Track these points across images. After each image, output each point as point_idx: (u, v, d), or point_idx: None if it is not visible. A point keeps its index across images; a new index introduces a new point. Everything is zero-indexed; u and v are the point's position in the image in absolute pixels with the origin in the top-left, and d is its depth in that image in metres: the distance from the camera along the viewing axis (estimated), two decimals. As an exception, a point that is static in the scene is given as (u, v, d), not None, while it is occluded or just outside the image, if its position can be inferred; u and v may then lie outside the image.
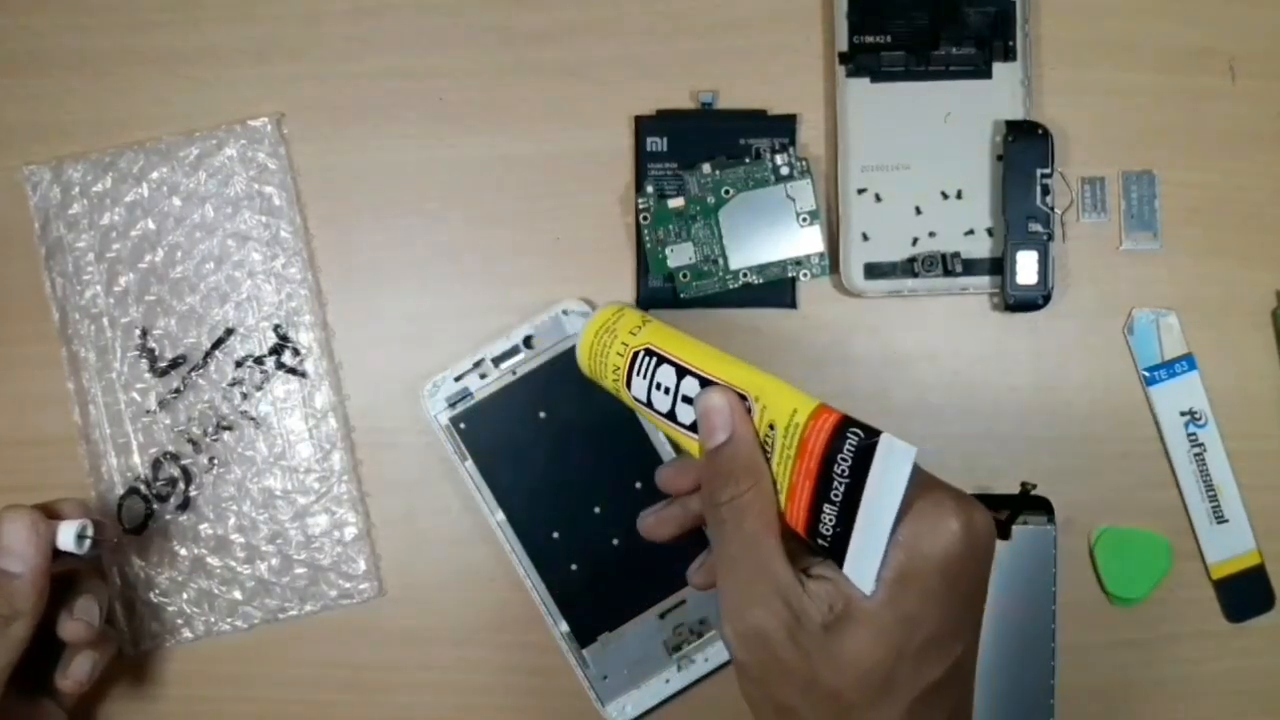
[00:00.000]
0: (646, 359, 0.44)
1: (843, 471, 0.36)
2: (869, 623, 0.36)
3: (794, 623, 0.37)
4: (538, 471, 0.54)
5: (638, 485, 0.54)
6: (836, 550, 0.37)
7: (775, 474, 0.39)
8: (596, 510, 0.54)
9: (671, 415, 0.43)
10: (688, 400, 0.42)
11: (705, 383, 0.42)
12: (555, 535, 0.54)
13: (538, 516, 0.54)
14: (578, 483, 0.54)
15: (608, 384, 0.46)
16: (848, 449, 0.36)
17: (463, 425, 0.54)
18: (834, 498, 0.37)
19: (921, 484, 0.37)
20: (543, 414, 0.54)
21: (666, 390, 0.43)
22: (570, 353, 0.54)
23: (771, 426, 0.39)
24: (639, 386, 0.44)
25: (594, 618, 0.54)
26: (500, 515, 0.54)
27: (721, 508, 0.39)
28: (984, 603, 0.38)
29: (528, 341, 0.54)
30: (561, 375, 0.54)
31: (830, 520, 0.37)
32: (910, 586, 0.36)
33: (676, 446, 0.53)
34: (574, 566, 0.54)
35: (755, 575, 0.38)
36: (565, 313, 0.54)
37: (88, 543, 0.47)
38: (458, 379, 0.54)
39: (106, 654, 0.52)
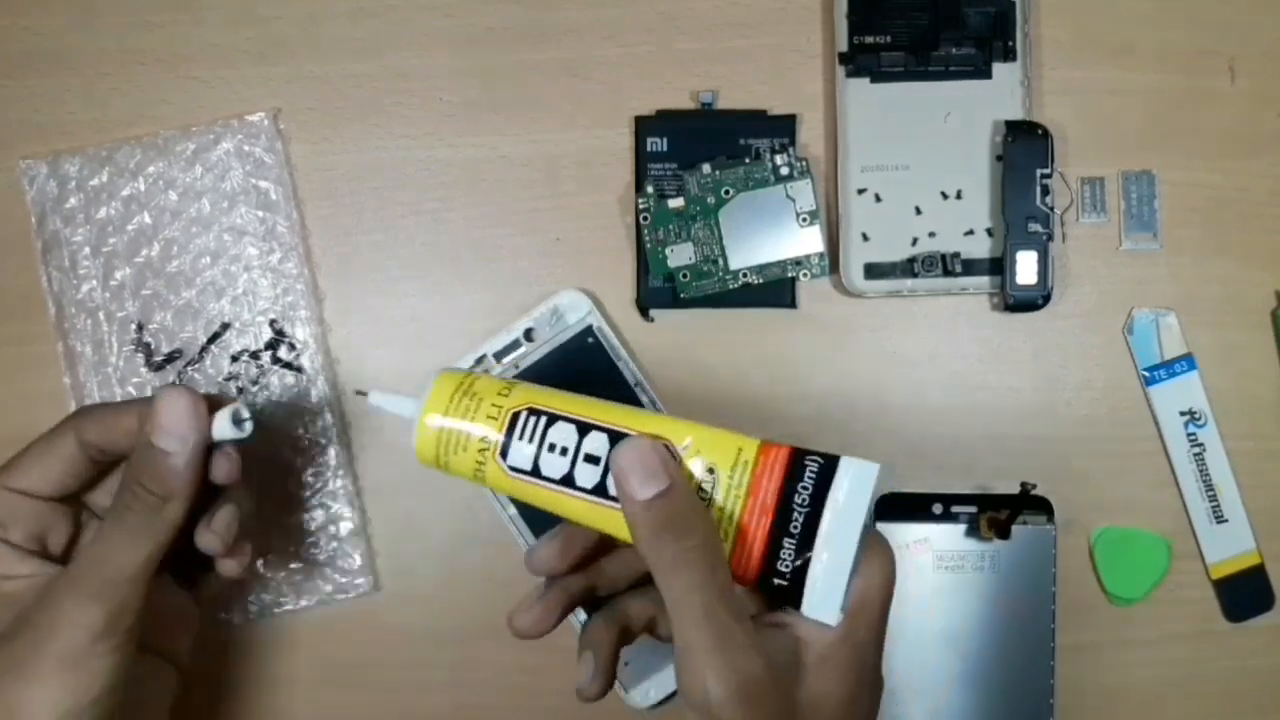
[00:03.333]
0: (531, 419, 0.39)
1: (803, 501, 0.36)
2: (832, 658, 0.37)
3: (776, 672, 0.36)
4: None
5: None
6: (794, 589, 0.36)
7: (717, 520, 0.37)
8: None
9: (568, 480, 0.38)
10: (592, 459, 0.38)
11: (616, 436, 0.38)
12: None
13: None
14: None
15: (468, 462, 0.39)
16: (808, 476, 0.36)
17: None
18: (793, 530, 0.36)
19: None
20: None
21: (564, 451, 0.38)
22: (569, 343, 0.54)
23: (710, 470, 0.37)
24: (521, 453, 0.39)
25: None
26: (512, 509, 0.54)
27: (677, 562, 0.36)
28: None
29: (528, 335, 0.54)
30: (562, 366, 0.54)
31: (790, 555, 0.36)
32: (862, 614, 0.37)
33: (552, 521, 0.41)
34: None
35: (729, 628, 0.35)
36: (562, 305, 0.54)
37: (248, 425, 0.43)
38: None
39: (242, 563, 0.47)
